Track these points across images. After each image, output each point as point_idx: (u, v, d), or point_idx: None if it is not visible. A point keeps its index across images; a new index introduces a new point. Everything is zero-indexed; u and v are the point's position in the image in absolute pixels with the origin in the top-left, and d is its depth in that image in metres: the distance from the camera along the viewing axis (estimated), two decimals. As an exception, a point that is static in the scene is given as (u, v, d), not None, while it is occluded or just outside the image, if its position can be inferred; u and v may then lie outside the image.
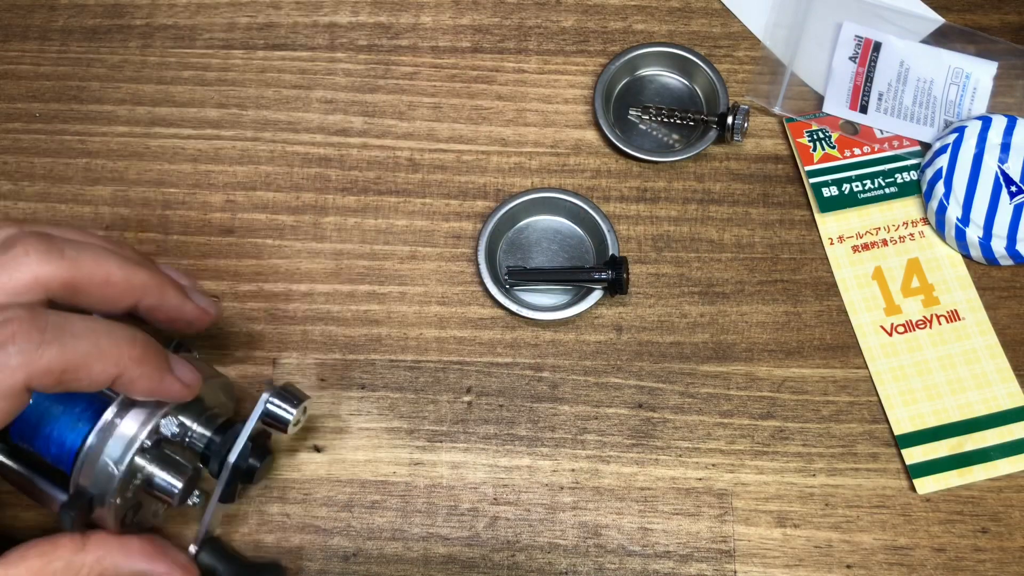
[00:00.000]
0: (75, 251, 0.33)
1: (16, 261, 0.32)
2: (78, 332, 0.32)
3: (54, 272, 0.32)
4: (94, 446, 0.35)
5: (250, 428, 0.38)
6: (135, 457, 0.35)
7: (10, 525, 0.42)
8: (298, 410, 0.38)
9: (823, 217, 0.47)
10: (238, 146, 0.49)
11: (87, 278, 0.33)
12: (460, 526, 0.42)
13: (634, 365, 0.45)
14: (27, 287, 0.32)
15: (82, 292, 0.34)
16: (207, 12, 0.52)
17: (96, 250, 0.34)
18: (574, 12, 0.52)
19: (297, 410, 0.38)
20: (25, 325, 0.31)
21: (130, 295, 0.35)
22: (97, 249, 0.34)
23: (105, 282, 0.34)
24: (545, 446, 0.43)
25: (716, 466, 0.43)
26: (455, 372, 0.45)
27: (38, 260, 0.32)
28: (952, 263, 0.46)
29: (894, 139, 0.49)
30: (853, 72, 0.49)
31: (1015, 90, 0.49)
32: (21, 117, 0.50)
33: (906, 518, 0.42)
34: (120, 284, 0.34)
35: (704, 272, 0.47)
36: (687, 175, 0.48)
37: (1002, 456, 0.43)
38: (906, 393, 0.44)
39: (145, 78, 0.50)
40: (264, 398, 0.38)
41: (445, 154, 0.49)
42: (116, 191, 0.48)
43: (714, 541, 0.42)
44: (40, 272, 0.32)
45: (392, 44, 0.51)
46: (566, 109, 0.50)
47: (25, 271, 0.32)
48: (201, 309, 0.38)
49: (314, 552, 0.42)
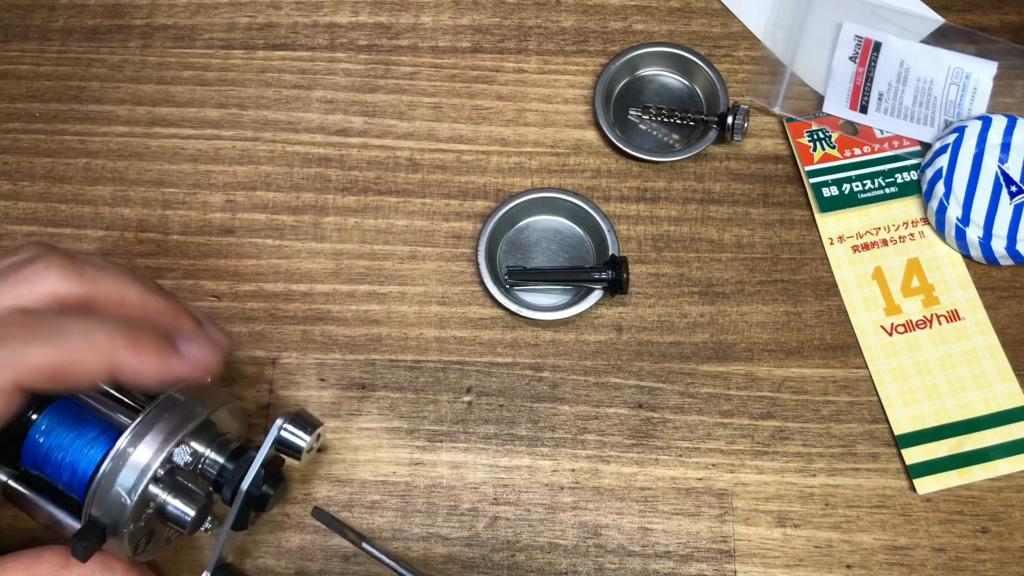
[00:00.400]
0: (95, 272, 0.34)
1: (37, 274, 0.33)
2: (70, 329, 0.32)
3: (71, 289, 0.33)
4: (107, 474, 0.34)
5: (263, 455, 0.37)
6: (148, 486, 0.35)
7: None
8: (312, 437, 0.38)
9: (823, 217, 0.47)
10: (238, 146, 0.49)
11: (103, 298, 0.34)
12: (460, 526, 0.42)
13: (634, 365, 0.45)
14: (43, 300, 0.33)
15: (97, 312, 0.34)
16: (207, 12, 0.52)
17: (116, 274, 0.35)
18: (574, 12, 0.52)
19: (311, 437, 0.38)
20: (15, 326, 0.31)
21: (145, 320, 0.35)
22: (117, 273, 0.35)
23: (120, 304, 0.34)
24: (545, 446, 0.43)
25: (716, 466, 0.43)
26: (455, 372, 0.45)
27: (58, 276, 0.33)
28: (952, 263, 0.47)
29: (894, 139, 0.49)
30: (853, 72, 0.49)
31: (1015, 90, 0.49)
32: (21, 117, 0.50)
33: (906, 518, 0.42)
34: (135, 308, 0.35)
35: (704, 272, 0.47)
36: (687, 175, 0.48)
37: (1002, 456, 0.43)
38: (906, 393, 0.44)
39: (145, 78, 0.50)
40: (278, 424, 0.38)
41: (445, 154, 0.49)
42: (116, 191, 0.48)
43: (714, 541, 0.42)
44: (58, 287, 0.33)
45: (392, 44, 0.51)
46: (566, 109, 0.50)
47: (44, 285, 0.33)
48: (213, 343, 0.38)
49: (314, 552, 0.42)
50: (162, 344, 0.34)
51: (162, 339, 0.34)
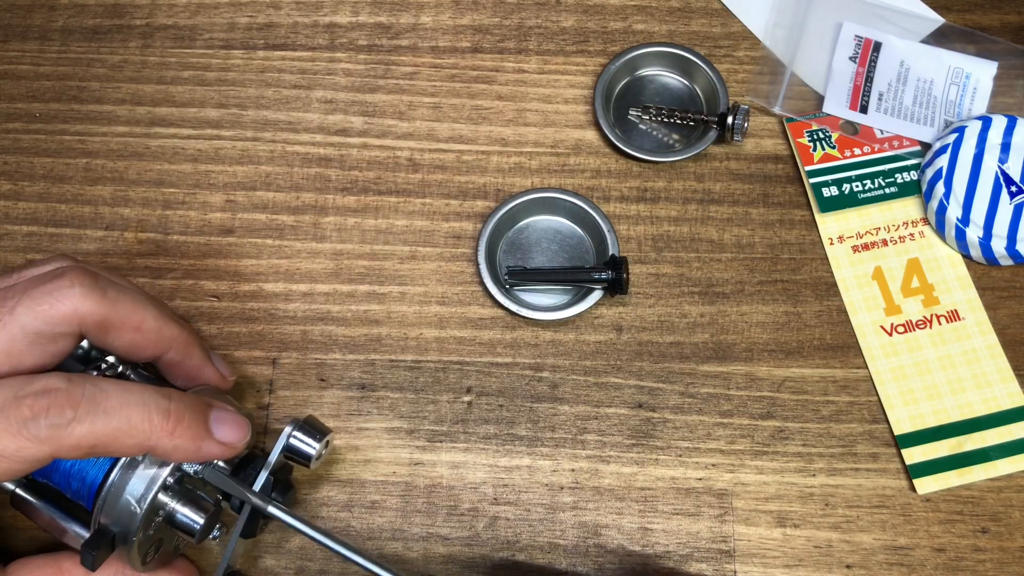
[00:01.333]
0: (116, 292, 0.34)
1: (61, 291, 0.33)
2: (111, 407, 0.32)
3: (93, 308, 0.33)
4: (116, 483, 0.34)
5: (272, 463, 0.37)
6: (158, 494, 0.35)
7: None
8: (320, 444, 0.38)
9: (823, 217, 0.47)
10: (238, 146, 0.49)
11: (121, 321, 0.34)
12: (460, 526, 0.42)
13: (634, 365, 0.45)
14: (65, 318, 0.33)
15: (113, 333, 0.34)
16: (207, 12, 0.52)
17: (136, 296, 0.35)
18: (574, 12, 0.52)
19: (320, 444, 0.38)
20: (60, 398, 0.31)
21: (157, 346, 0.36)
22: (137, 295, 0.35)
23: (137, 328, 0.35)
24: (545, 446, 0.43)
25: (716, 466, 0.43)
26: (455, 372, 0.45)
27: (81, 294, 0.33)
28: (952, 263, 0.46)
29: (894, 139, 0.49)
30: (853, 72, 0.49)
31: (1015, 90, 0.49)
32: (21, 117, 0.50)
33: (906, 518, 0.42)
34: (150, 333, 0.35)
35: (704, 272, 0.47)
36: (687, 175, 0.48)
37: (1002, 456, 0.43)
38: (906, 393, 0.44)
39: (145, 78, 0.50)
40: (286, 432, 0.38)
41: (445, 154, 0.49)
42: (116, 191, 0.48)
43: (714, 541, 0.42)
44: (80, 306, 0.33)
45: (392, 44, 0.51)
46: (566, 109, 0.50)
47: (67, 303, 0.33)
48: (220, 375, 0.39)
49: (314, 552, 0.42)
50: (197, 428, 0.34)
51: (198, 421, 0.34)
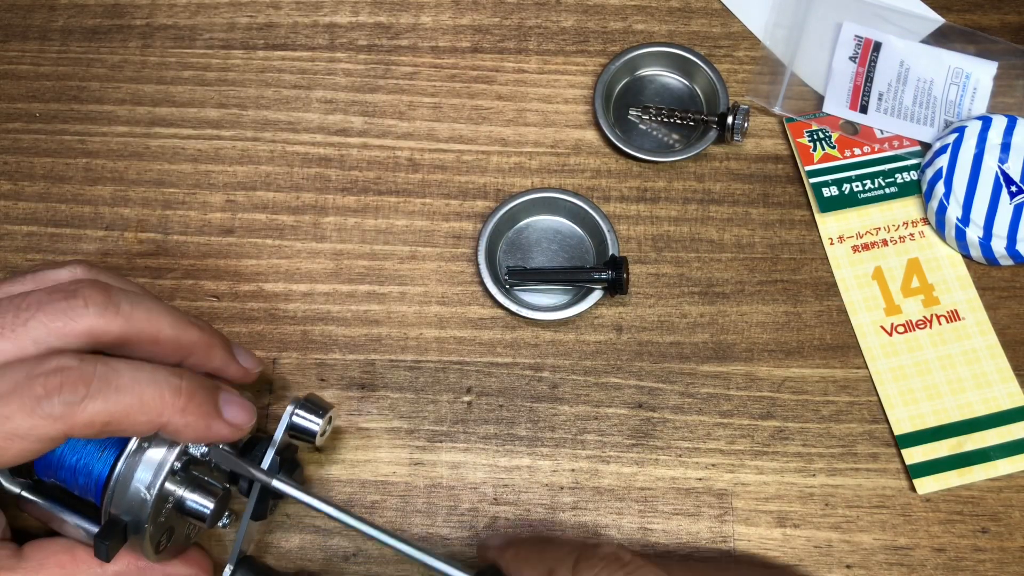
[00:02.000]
0: (130, 306, 0.34)
1: (75, 311, 0.33)
2: (123, 385, 0.32)
3: (108, 327, 0.33)
4: (123, 473, 0.35)
5: (277, 441, 0.37)
6: (166, 481, 0.35)
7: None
8: (324, 420, 0.38)
9: (823, 217, 0.47)
10: (238, 146, 0.49)
11: (137, 335, 0.34)
12: (460, 526, 0.42)
13: (634, 365, 0.45)
14: (79, 337, 0.33)
15: (131, 347, 0.35)
16: (207, 12, 0.52)
17: (150, 306, 0.35)
18: (574, 12, 0.52)
19: (323, 420, 0.38)
20: (73, 376, 0.31)
21: (177, 353, 0.36)
22: (151, 305, 0.35)
23: (154, 340, 0.35)
24: (545, 446, 0.43)
25: (716, 466, 0.43)
26: (455, 372, 0.45)
27: (96, 313, 0.33)
28: (952, 263, 0.46)
29: (894, 139, 0.49)
30: (853, 72, 0.49)
31: (1015, 90, 0.49)
32: (21, 117, 0.50)
33: (906, 518, 0.42)
34: (168, 343, 0.35)
35: (704, 272, 0.47)
36: (687, 175, 0.48)
37: (1002, 456, 0.43)
38: (906, 393, 0.44)
39: (145, 78, 0.50)
40: (289, 411, 0.38)
41: (445, 154, 0.49)
42: (116, 191, 0.48)
43: (714, 541, 0.42)
44: (95, 325, 0.33)
45: (392, 44, 0.51)
46: (566, 109, 0.50)
47: (82, 323, 0.33)
48: (245, 370, 0.39)
49: (314, 552, 0.42)
50: (208, 407, 0.34)
51: (208, 400, 0.34)
